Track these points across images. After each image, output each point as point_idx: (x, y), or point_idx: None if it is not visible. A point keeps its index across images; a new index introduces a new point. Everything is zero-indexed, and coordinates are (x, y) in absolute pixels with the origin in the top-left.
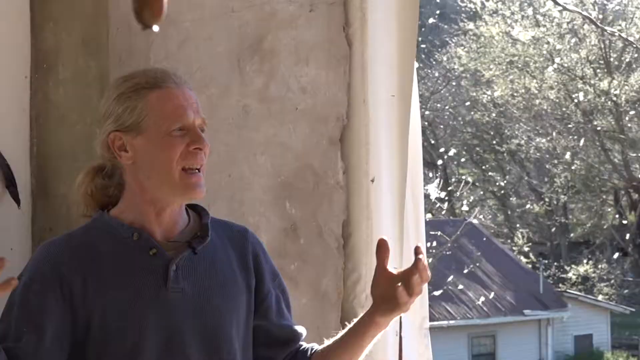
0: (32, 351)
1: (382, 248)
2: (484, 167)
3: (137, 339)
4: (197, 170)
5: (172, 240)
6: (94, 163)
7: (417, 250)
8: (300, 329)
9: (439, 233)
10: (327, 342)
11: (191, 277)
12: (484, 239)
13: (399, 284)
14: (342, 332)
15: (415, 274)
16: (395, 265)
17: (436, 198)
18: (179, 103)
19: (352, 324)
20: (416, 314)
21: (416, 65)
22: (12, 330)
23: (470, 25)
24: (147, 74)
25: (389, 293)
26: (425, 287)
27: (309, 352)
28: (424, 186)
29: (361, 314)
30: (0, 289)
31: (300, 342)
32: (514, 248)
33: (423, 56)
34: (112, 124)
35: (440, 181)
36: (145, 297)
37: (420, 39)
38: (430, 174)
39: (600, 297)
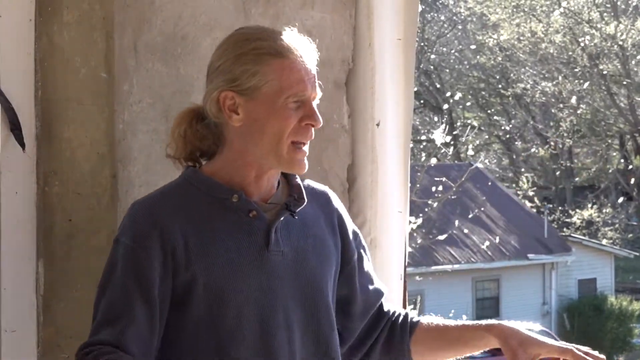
0: (147, 328)
1: None
2: (489, 111)
3: (242, 300)
4: (303, 145)
5: (269, 202)
6: (195, 106)
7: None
8: (382, 288)
9: (444, 179)
10: (431, 320)
11: (288, 239)
12: (489, 183)
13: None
14: (450, 326)
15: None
16: (400, 209)
17: (441, 143)
18: (300, 77)
19: (461, 327)
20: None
21: (420, 8)
22: (120, 304)
23: None
24: (272, 39)
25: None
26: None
27: (408, 319)
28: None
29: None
30: None
31: (384, 304)
32: (518, 192)
33: None
34: (225, 83)
35: (445, 126)
36: (247, 259)
37: None
38: (436, 118)
39: (604, 241)
